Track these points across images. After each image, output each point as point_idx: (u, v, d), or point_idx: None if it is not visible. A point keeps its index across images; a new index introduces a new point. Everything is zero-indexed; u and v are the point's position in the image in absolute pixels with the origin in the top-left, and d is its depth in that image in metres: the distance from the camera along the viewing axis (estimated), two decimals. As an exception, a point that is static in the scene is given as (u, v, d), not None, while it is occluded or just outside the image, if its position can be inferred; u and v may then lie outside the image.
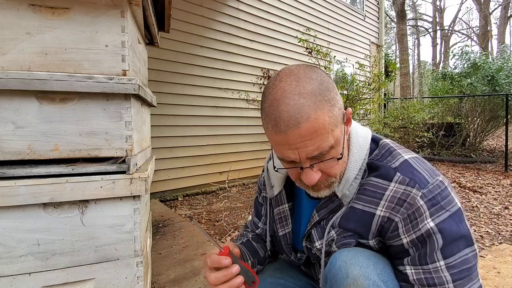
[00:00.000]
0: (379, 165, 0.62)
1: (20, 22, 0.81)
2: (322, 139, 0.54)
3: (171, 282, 1.52)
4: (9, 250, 0.79)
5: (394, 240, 0.59)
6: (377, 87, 4.41)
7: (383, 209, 0.59)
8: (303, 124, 0.52)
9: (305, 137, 0.53)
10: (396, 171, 0.59)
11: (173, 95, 3.40)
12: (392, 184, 0.58)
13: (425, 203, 0.55)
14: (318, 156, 0.55)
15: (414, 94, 21.96)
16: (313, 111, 0.52)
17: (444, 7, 29.35)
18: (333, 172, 0.60)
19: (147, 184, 0.91)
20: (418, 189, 0.56)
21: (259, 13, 4.29)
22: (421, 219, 0.55)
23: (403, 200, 0.57)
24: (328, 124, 0.53)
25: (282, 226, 0.78)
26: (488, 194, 3.43)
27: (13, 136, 0.80)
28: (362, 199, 0.62)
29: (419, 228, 0.55)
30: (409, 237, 0.57)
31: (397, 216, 0.57)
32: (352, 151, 0.64)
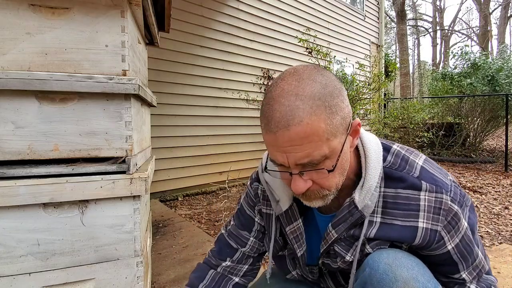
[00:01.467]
0: (401, 175, 0.60)
1: (20, 22, 0.81)
2: (314, 146, 0.50)
3: (171, 282, 1.52)
4: (9, 250, 0.79)
5: (439, 249, 0.60)
6: (377, 87, 4.41)
7: (425, 220, 0.58)
8: (293, 127, 0.48)
9: (295, 142, 0.49)
10: (421, 180, 0.59)
11: (173, 95, 3.40)
12: (422, 193, 0.58)
13: (457, 206, 0.58)
14: (308, 164, 0.52)
15: (414, 94, 21.97)
16: (307, 115, 0.48)
17: (444, 7, 29.38)
18: (326, 184, 0.55)
19: (147, 184, 0.91)
20: (447, 194, 0.58)
21: (259, 13, 4.29)
22: (460, 223, 0.59)
23: (439, 208, 0.58)
24: (323, 131, 0.49)
25: (300, 246, 0.70)
26: (488, 194, 3.43)
27: (13, 136, 0.80)
28: (397, 214, 0.59)
29: (460, 231, 0.59)
30: (453, 242, 0.59)
31: (438, 225, 0.58)
32: (370, 158, 0.61)
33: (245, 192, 0.81)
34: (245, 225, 0.79)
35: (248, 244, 0.78)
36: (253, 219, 0.79)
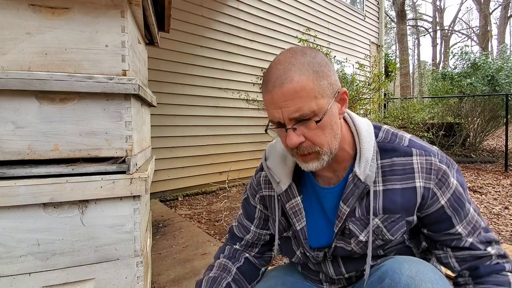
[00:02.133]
0: (393, 146, 0.69)
1: (20, 22, 0.81)
2: (303, 101, 0.59)
3: (171, 282, 1.52)
4: (9, 250, 0.79)
5: (434, 205, 0.66)
6: (377, 87, 4.41)
7: (420, 180, 0.65)
8: (286, 84, 0.58)
9: (287, 97, 0.58)
10: (410, 147, 0.68)
11: (173, 95, 3.40)
12: (414, 157, 0.66)
13: (445, 166, 0.66)
14: (299, 118, 0.60)
15: (414, 94, 21.96)
16: (297, 75, 0.59)
17: (444, 7, 29.37)
18: (317, 140, 0.62)
19: (147, 184, 0.91)
20: (435, 156, 0.66)
21: (259, 13, 4.29)
22: (449, 179, 0.66)
23: (430, 169, 0.65)
24: (311, 89, 0.59)
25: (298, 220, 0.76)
26: (488, 194, 3.43)
27: (13, 136, 0.80)
28: (394, 179, 0.67)
29: (450, 187, 0.66)
30: (445, 197, 0.65)
31: (431, 183, 0.65)
32: (362, 134, 0.69)
33: (250, 183, 0.89)
34: (249, 214, 0.87)
35: (251, 232, 0.86)
36: (255, 207, 0.86)
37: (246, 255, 0.85)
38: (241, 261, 0.84)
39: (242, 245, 0.87)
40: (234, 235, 0.89)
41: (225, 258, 0.84)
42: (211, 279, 0.78)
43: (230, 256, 0.85)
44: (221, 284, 0.77)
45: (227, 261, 0.84)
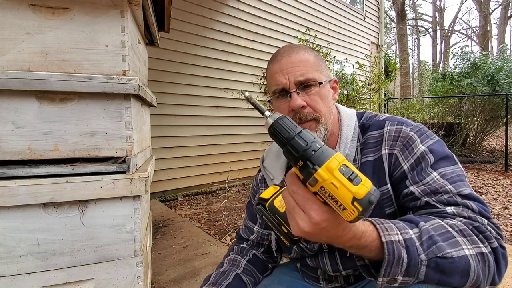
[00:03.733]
0: (370, 123, 0.75)
1: (20, 22, 0.81)
2: (308, 69, 0.70)
3: (171, 282, 1.52)
4: (9, 250, 0.79)
5: (397, 170, 0.67)
6: (377, 87, 4.41)
7: (386, 147, 0.69)
8: (294, 55, 0.71)
9: (294, 64, 0.70)
10: (385, 120, 0.73)
11: (173, 95, 3.40)
12: (385, 128, 0.71)
13: (415, 133, 0.68)
14: (303, 81, 0.69)
15: (414, 94, 21.96)
16: (302, 50, 0.73)
17: (444, 7, 29.35)
18: (317, 106, 0.70)
19: (147, 184, 0.91)
20: (406, 126, 0.69)
21: (259, 13, 4.29)
22: (415, 145, 0.66)
23: (397, 136, 0.69)
24: (313, 63, 0.71)
25: None
26: (488, 194, 3.43)
27: (13, 136, 0.80)
28: (368, 152, 0.71)
29: (414, 153, 0.66)
30: (408, 162, 0.66)
31: (395, 149, 0.68)
32: (343, 118, 0.77)
33: (252, 187, 0.94)
34: (252, 215, 0.91)
35: (255, 232, 0.89)
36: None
37: (254, 252, 0.88)
38: (250, 255, 0.87)
39: (248, 244, 0.90)
40: (241, 237, 0.93)
41: (235, 254, 0.88)
42: (220, 273, 0.80)
43: (239, 252, 0.89)
44: (229, 276, 0.78)
45: (236, 255, 0.87)
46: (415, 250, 0.50)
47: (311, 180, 0.43)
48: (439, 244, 0.50)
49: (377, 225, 0.52)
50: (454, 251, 0.50)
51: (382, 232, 0.51)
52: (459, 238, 0.52)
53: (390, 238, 0.50)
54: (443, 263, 0.49)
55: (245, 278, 0.80)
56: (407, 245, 0.50)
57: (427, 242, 0.51)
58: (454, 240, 0.52)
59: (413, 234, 0.52)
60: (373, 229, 0.51)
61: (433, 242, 0.51)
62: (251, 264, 0.84)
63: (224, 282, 0.76)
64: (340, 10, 5.89)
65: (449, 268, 0.50)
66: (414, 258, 0.49)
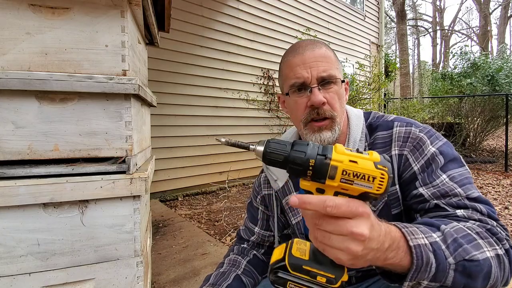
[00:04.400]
0: (378, 123, 0.74)
1: (20, 22, 0.81)
2: (330, 65, 0.69)
3: (171, 282, 1.52)
4: (9, 250, 0.79)
5: (407, 171, 0.67)
6: (377, 87, 4.41)
7: (396, 148, 0.69)
8: (317, 50, 0.69)
9: (318, 58, 0.68)
10: (394, 121, 0.72)
11: (173, 95, 3.40)
12: (394, 129, 0.70)
13: (425, 135, 0.68)
14: (325, 77, 0.68)
15: (414, 94, 21.96)
16: (324, 46, 0.71)
17: (444, 7, 29.35)
18: (335, 104, 0.70)
19: (147, 184, 0.91)
20: (415, 127, 0.69)
21: (259, 13, 4.29)
22: (425, 146, 0.66)
23: (407, 137, 0.68)
24: (334, 59, 0.71)
25: (294, 214, 0.79)
26: (488, 194, 3.43)
27: (13, 136, 0.80)
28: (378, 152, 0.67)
29: (425, 154, 0.66)
30: (418, 163, 0.66)
31: (405, 150, 0.68)
32: (351, 118, 0.77)
33: (253, 188, 0.94)
34: (253, 216, 0.91)
35: (255, 234, 0.89)
36: (258, 209, 0.90)
37: (254, 252, 0.88)
38: (251, 256, 0.87)
39: (249, 244, 0.90)
40: (241, 237, 0.93)
41: (235, 254, 0.87)
42: (220, 273, 0.80)
43: (239, 252, 0.88)
44: (229, 277, 0.78)
45: (237, 256, 0.87)
46: (442, 253, 0.48)
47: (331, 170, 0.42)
48: (464, 246, 0.49)
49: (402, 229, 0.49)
50: (479, 253, 0.49)
51: (409, 236, 0.48)
52: (480, 240, 0.51)
53: (417, 242, 0.47)
54: (470, 266, 0.48)
55: (245, 279, 0.80)
56: (434, 249, 0.48)
57: (453, 245, 0.49)
58: (476, 243, 0.50)
59: (437, 237, 0.50)
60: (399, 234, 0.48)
61: (458, 244, 0.49)
62: (251, 265, 0.84)
63: (224, 283, 0.76)
64: (340, 10, 5.89)
65: (475, 272, 0.48)
66: (442, 262, 0.47)
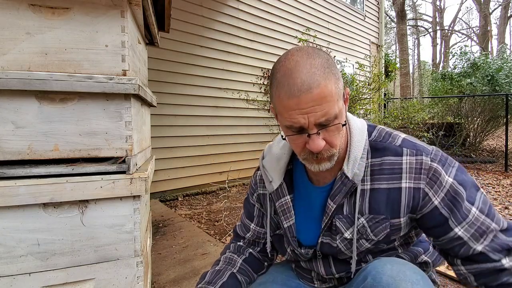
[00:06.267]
0: (384, 145, 0.68)
1: (20, 22, 0.81)
2: (330, 106, 0.59)
3: (171, 282, 1.52)
4: (9, 250, 0.79)
5: (426, 206, 0.64)
6: (377, 87, 4.41)
7: (407, 181, 0.64)
8: (314, 89, 0.57)
9: (316, 102, 0.58)
10: (402, 147, 0.67)
11: (173, 95, 3.40)
12: (404, 157, 0.65)
13: (438, 164, 0.64)
14: (324, 122, 0.60)
15: (414, 94, 21.96)
16: (323, 80, 0.58)
17: (444, 7, 29.35)
18: (335, 142, 0.64)
19: (147, 184, 0.91)
20: (426, 156, 0.64)
21: (259, 13, 4.28)
22: (442, 177, 0.63)
23: (420, 168, 0.64)
24: (334, 93, 0.60)
25: (286, 218, 0.78)
26: (488, 194, 3.43)
27: (13, 136, 0.80)
28: (384, 178, 0.66)
29: (444, 186, 0.62)
30: (439, 197, 0.63)
31: (421, 183, 0.63)
32: (354, 133, 0.70)
33: (250, 183, 0.92)
34: (249, 213, 0.90)
35: (251, 230, 0.88)
36: (254, 206, 0.89)
37: (250, 251, 0.88)
38: (246, 254, 0.87)
39: (245, 242, 0.90)
40: (237, 234, 0.92)
41: (231, 253, 0.87)
42: (216, 271, 0.80)
43: (235, 250, 0.88)
44: (224, 275, 0.78)
45: (233, 254, 0.86)
46: None
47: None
48: None
49: None
50: None
51: None
52: None
53: None
54: None
55: (240, 277, 0.80)
56: None
57: None
58: None
59: None
60: None
61: None
62: (247, 263, 0.85)
63: (219, 281, 0.77)
64: (340, 10, 5.89)
65: None
66: None
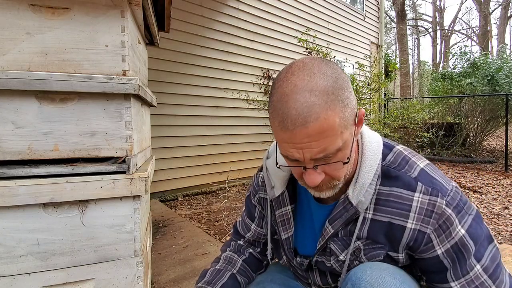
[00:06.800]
0: (398, 174, 0.60)
1: (20, 22, 0.81)
2: (330, 141, 0.51)
3: (171, 282, 1.52)
4: (9, 250, 0.79)
5: (427, 252, 0.58)
6: (377, 87, 4.41)
7: (414, 222, 0.57)
8: (311, 124, 0.49)
9: (312, 138, 0.50)
10: (417, 181, 0.58)
11: (173, 95, 3.40)
12: (417, 194, 0.58)
13: (453, 211, 0.56)
14: (323, 158, 0.53)
15: (414, 94, 21.97)
16: (323, 111, 0.49)
17: (444, 7, 29.35)
18: (337, 175, 0.57)
19: (147, 184, 0.91)
20: (442, 198, 0.56)
21: (259, 13, 4.28)
22: (453, 227, 0.56)
23: (431, 211, 0.56)
24: (338, 126, 0.50)
25: (285, 229, 0.74)
26: (488, 194, 3.43)
27: (13, 136, 0.80)
28: (388, 211, 0.59)
29: (452, 237, 0.56)
30: (443, 247, 0.57)
31: (428, 228, 0.57)
32: (366, 155, 0.61)
33: (252, 182, 0.88)
34: (251, 212, 0.87)
35: (251, 230, 0.86)
36: (255, 206, 0.86)
37: (250, 251, 0.87)
38: (246, 255, 0.85)
39: (245, 241, 0.88)
40: (238, 231, 0.90)
41: (231, 252, 0.86)
42: (216, 271, 0.79)
43: (235, 250, 0.86)
44: (224, 275, 0.77)
45: (233, 254, 0.85)
46: None
47: None
48: None
49: None
50: None
51: None
52: None
53: None
54: None
55: (240, 278, 0.80)
56: None
57: None
58: None
59: None
60: None
61: None
62: (246, 264, 0.84)
63: (219, 281, 0.76)
64: (340, 10, 5.89)
65: None
66: None
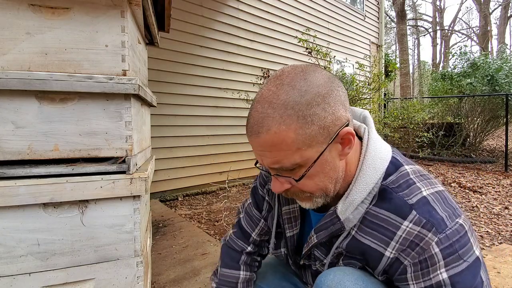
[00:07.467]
0: (393, 197, 0.54)
1: (20, 22, 0.81)
2: (283, 155, 0.50)
3: (171, 282, 1.52)
4: (9, 250, 0.79)
5: (401, 283, 0.54)
6: (377, 87, 4.41)
7: (393, 251, 0.53)
8: (262, 134, 0.50)
9: (265, 148, 0.51)
10: (412, 208, 0.52)
11: (173, 95, 3.40)
12: (406, 223, 0.52)
13: (441, 251, 0.49)
14: (278, 169, 0.54)
15: (414, 94, 21.97)
16: (275, 124, 0.49)
17: (444, 7, 29.36)
18: (305, 188, 0.55)
19: (147, 184, 0.91)
20: (435, 234, 0.49)
21: (259, 13, 4.28)
22: (434, 268, 0.49)
23: (416, 244, 0.50)
24: (292, 141, 0.49)
25: (291, 227, 0.73)
26: (488, 194, 3.43)
27: (13, 136, 0.80)
28: (370, 234, 0.56)
29: (429, 278, 0.50)
30: (417, 285, 0.51)
31: (406, 260, 0.52)
32: (364, 172, 0.56)
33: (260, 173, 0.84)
34: (257, 204, 0.84)
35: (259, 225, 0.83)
36: (264, 198, 0.82)
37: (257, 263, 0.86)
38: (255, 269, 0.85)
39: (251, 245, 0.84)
40: (242, 228, 0.85)
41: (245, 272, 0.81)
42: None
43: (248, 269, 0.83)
44: None
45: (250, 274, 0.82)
46: None
47: None
48: None
49: None
50: None
51: None
52: None
53: None
54: None
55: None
56: None
57: None
58: None
59: None
60: None
61: None
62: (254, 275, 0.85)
63: None
64: (340, 10, 5.89)
65: None
66: None
